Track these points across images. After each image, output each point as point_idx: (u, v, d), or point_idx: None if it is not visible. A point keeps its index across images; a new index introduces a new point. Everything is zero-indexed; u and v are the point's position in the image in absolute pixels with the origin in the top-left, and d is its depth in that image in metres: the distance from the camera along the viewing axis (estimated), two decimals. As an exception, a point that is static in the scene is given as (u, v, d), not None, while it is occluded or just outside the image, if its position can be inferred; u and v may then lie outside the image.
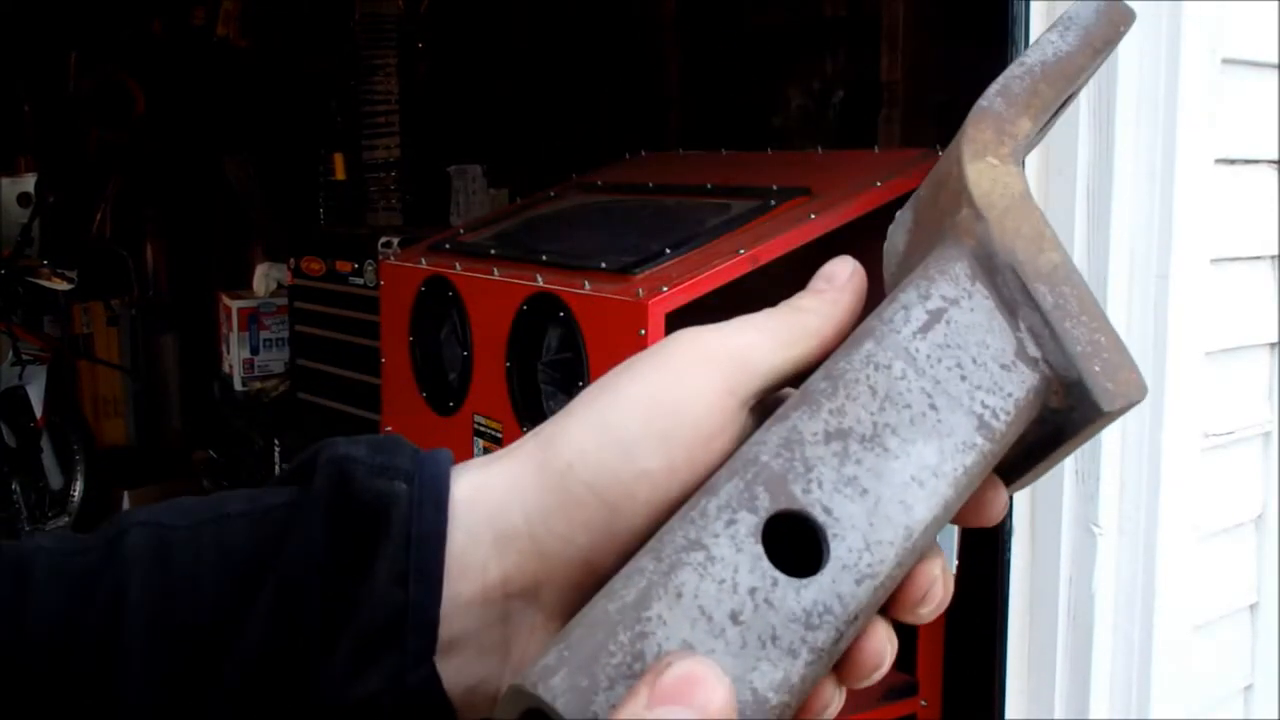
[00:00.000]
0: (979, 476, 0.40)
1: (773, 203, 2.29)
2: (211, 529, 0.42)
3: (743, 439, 0.41)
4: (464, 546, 0.40)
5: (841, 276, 0.45)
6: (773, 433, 0.39)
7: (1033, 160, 1.79)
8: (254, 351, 4.58)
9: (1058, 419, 0.43)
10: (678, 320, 2.02)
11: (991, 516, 0.43)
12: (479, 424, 2.46)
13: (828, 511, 0.38)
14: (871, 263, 0.47)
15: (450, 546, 0.39)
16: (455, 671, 0.40)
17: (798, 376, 0.43)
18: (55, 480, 4.89)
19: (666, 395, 0.40)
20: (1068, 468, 1.79)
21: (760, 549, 0.37)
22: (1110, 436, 1.76)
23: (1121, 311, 1.74)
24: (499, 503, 0.40)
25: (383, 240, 3.36)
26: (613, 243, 2.36)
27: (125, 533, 0.43)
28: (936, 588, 0.39)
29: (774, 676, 0.36)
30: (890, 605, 0.39)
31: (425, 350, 2.66)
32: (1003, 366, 0.41)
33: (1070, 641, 1.82)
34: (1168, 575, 1.80)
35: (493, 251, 2.55)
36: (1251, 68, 1.84)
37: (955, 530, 1.91)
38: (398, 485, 0.40)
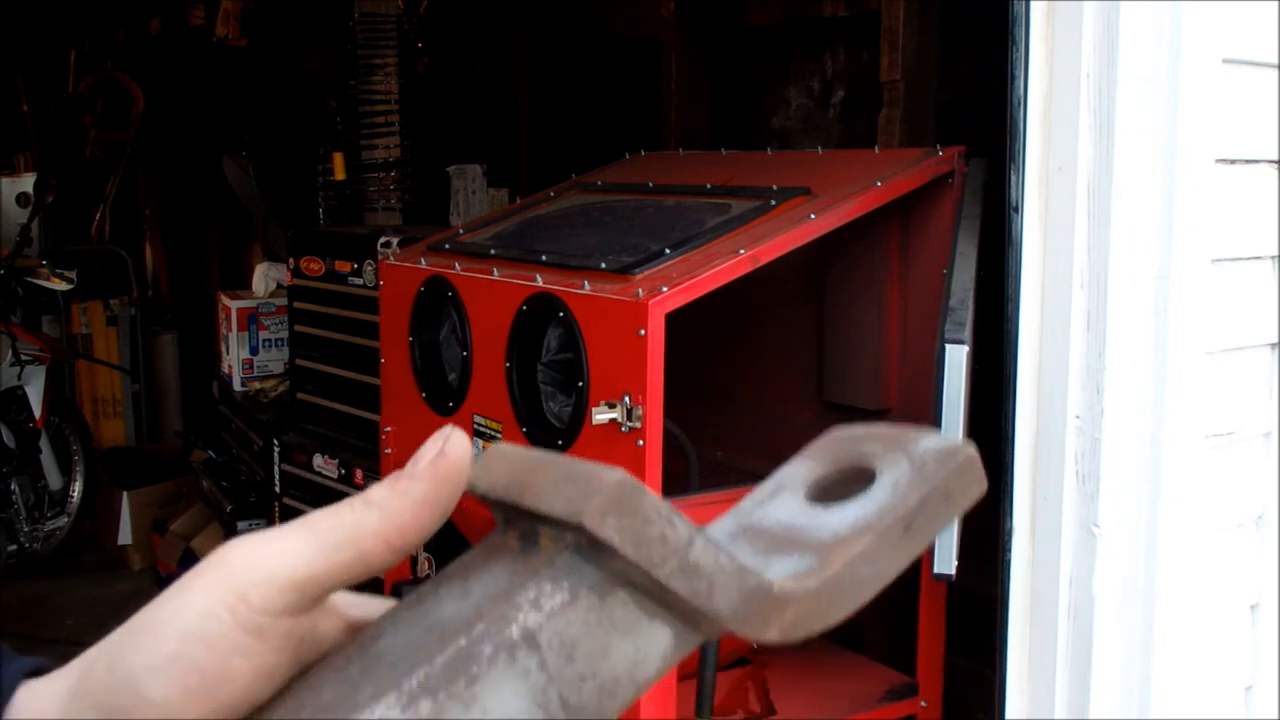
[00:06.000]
0: None
1: (773, 203, 2.29)
2: None
3: (304, 653, 0.40)
4: None
5: (422, 459, 0.41)
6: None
7: (1034, 160, 1.79)
8: (253, 351, 4.58)
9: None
10: (678, 320, 2.02)
11: None
12: (479, 424, 2.46)
13: None
14: (872, 261, 0.46)
15: None
16: None
17: (360, 574, 0.40)
18: (54, 480, 4.89)
19: (175, 617, 0.38)
20: (1068, 468, 1.79)
21: None
22: (1111, 437, 1.76)
23: (1122, 311, 1.74)
24: None
25: (382, 240, 3.36)
26: (613, 243, 2.36)
27: None
28: None
29: None
30: None
31: (425, 350, 2.66)
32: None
33: (1070, 641, 1.82)
34: (1168, 575, 1.80)
35: (493, 251, 2.54)
36: (1251, 68, 1.84)
37: (955, 530, 1.91)
38: None
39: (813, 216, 2.18)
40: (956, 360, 1.90)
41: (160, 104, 6.06)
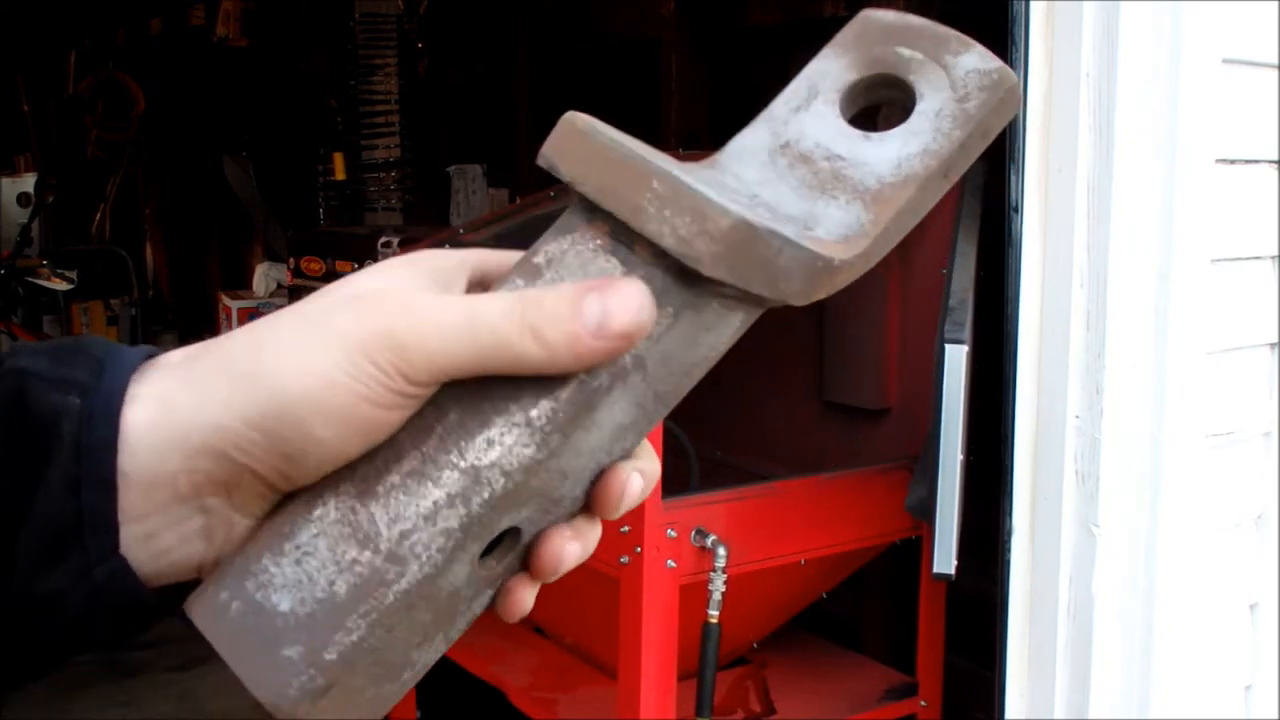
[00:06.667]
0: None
1: (773, 203, 2.29)
2: None
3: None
4: (147, 463, 0.43)
5: (606, 321, 0.44)
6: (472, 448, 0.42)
7: (1034, 160, 1.79)
8: (253, 351, 4.58)
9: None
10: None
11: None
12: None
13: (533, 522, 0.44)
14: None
15: (134, 460, 0.43)
16: (154, 557, 0.44)
17: (504, 372, 0.45)
18: (55, 480, 4.88)
19: (344, 375, 0.42)
20: (1068, 468, 1.79)
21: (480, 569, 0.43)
22: (1111, 436, 1.76)
23: (1122, 311, 1.74)
24: (186, 425, 0.43)
25: (383, 240, 3.36)
26: (612, 243, 2.36)
27: None
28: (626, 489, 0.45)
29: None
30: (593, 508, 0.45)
31: (425, 350, 2.66)
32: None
33: (1070, 641, 1.82)
34: (1168, 575, 1.80)
35: (492, 251, 2.54)
36: (1251, 68, 1.84)
37: (955, 531, 1.92)
38: (70, 399, 0.43)
39: (813, 216, 2.17)
40: (956, 360, 1.90)
41: (160, 104, 6.06)
